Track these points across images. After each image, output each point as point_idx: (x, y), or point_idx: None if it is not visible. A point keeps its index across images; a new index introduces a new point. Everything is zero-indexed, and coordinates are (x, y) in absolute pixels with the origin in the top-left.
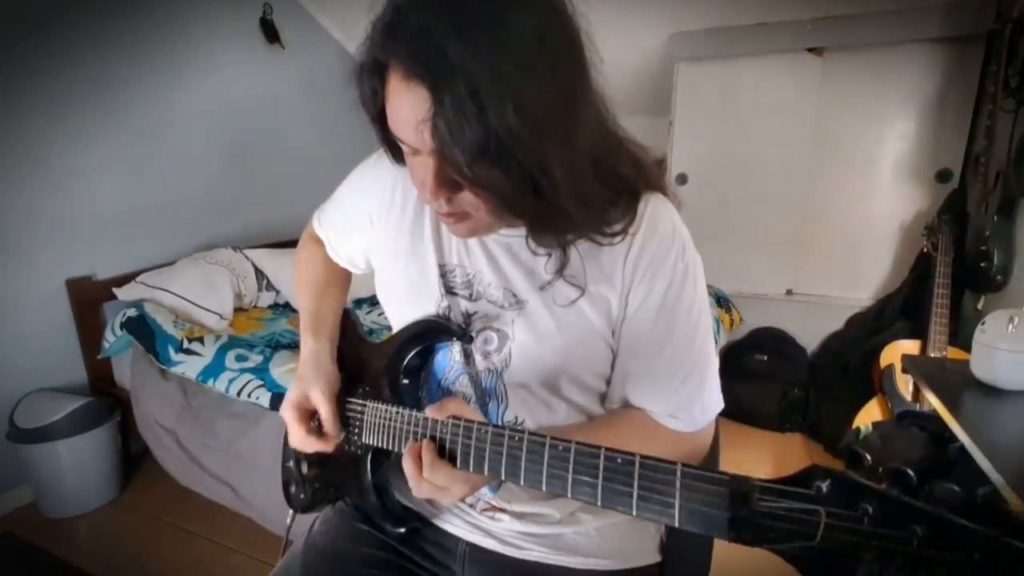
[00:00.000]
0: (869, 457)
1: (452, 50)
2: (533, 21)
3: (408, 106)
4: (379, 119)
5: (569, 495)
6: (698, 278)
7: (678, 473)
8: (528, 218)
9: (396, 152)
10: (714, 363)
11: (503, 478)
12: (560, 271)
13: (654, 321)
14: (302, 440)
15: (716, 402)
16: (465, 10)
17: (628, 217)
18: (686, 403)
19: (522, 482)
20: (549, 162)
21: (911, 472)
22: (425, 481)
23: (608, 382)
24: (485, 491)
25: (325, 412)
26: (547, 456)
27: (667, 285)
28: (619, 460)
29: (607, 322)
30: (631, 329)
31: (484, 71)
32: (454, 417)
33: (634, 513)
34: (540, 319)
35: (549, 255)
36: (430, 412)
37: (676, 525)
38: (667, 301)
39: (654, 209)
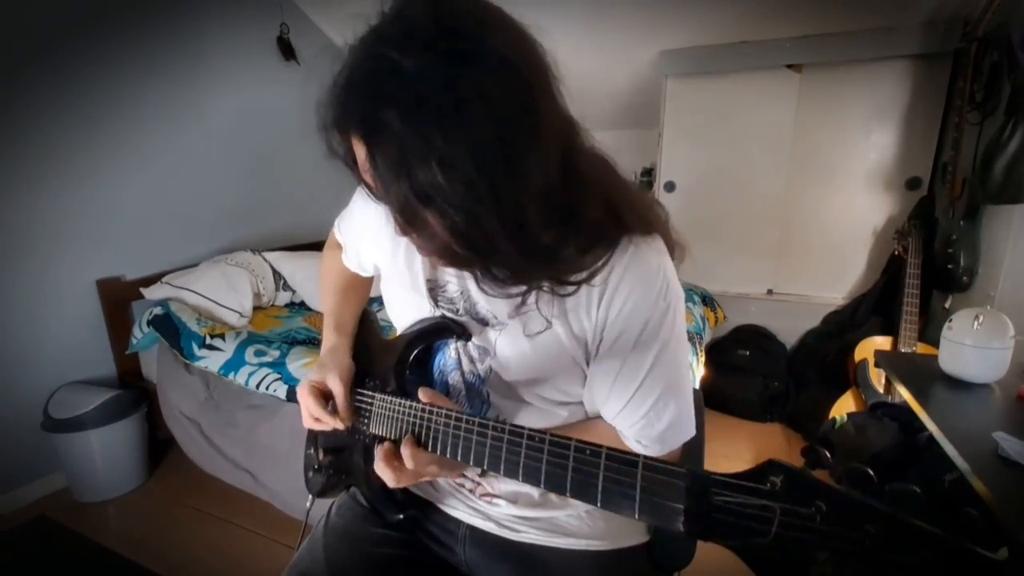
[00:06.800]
0: (830, 455)
1: (384, 113)
2: (470, 80)
3: (360, 158)
4: (353, 164)
5: (542, 486)
6: (678, 316)
7: (639, 466)
8: (468, 267)
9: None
10: (688, 396)
11: (485, 467)
12: (525, 303)
13: (628, 356)
14: (315, 414)
15: (684, 432)
16: (399, 74)
17: (598, 264)
18: (651, 433)
19: (502, 472)
20: (482, 218)
21: (871, 472)
22: (391, 466)
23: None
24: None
25: (339, 395)
26: (524, 447)
27: (644, 323)
28: (587, 452)
29: (581, 351)
30: (606, 361)
31: (411, 133)
32: (431, 404)
33: (599, 505)
34: (517, 339)
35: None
36: (421, 394)
37: (636, 517)
38: (644, 338)
39: (638, 250)
